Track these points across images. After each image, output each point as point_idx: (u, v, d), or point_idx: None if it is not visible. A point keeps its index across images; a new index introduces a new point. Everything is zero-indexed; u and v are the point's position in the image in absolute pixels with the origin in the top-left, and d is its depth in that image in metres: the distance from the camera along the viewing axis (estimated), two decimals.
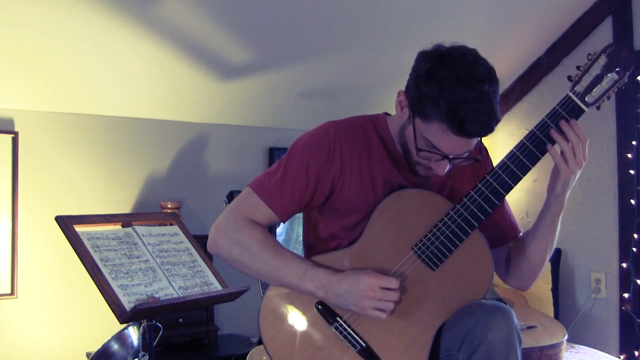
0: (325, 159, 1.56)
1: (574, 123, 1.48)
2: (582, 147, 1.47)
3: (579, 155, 1.47)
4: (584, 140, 1.48)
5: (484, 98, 1.40)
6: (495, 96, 1.43)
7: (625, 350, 3.28)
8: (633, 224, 3.28)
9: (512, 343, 1.42)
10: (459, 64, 1.41)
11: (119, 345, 2.14)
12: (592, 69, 1.50)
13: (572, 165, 1.47)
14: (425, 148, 1.48)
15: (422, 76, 1.45)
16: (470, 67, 1.41)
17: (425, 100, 1.43)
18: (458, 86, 1.39)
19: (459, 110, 1.39)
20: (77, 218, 2.03)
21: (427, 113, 1.44)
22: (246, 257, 1.55)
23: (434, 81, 1.42)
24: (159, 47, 2.71)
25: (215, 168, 3.35)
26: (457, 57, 1.43)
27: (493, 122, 1.42)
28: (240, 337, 3.14)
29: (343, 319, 1.52)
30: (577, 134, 1.47)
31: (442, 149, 1.46)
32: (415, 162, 1.55)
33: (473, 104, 1.38)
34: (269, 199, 1.56)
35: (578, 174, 1.50)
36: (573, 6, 3.44)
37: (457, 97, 1.39)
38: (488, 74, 1.43)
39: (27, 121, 2.80)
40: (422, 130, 1.47)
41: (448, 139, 1.44)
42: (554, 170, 1.51)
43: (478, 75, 1.40)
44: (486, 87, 1.40)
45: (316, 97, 3.40)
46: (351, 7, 2.88)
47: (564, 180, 1.50)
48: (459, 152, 1.48)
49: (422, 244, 1.53)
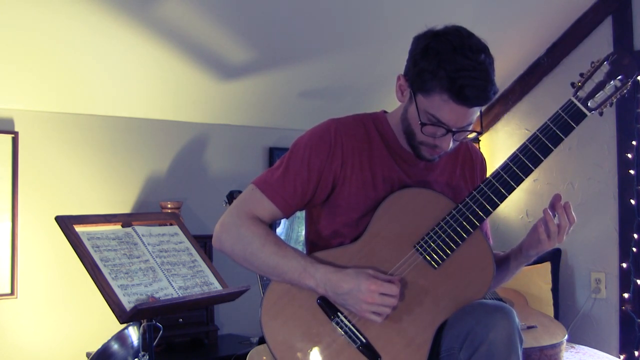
0: (327, 154, 1.58)
1: (568, 206, 1.55)
2: (569, 229, 1.55)
3: (562, 234, 1.54)
4: (573, 222, 1.55)
5: (481, 67, 1.44)
6: (491, 67, 1.47)
7: (625, 350, 3.28)
8: (633, 224, 3.28)
9: (514, 342, 1.42)
10: (454, 37, 1.47)
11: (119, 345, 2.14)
12: (595, 75, 1.53)
13: (553, 242, 1.55)
14: (429, 122, 1.50)
15: (419, 53, 1.50)
16: (465, 40, 1.47)
17: (425, 74, 1.47)
18: (455, 56, 1.44)
19: (457, 78, 1.43)
20: (77, 218, 2.03)
21: (427, 87, 1.47)
22: (248, 253, 1.56)
23: (431, 55, 1.47)
24: (158, 47, 2.71)
25: (215, 168, 3.35)
26: (451, 31, 1.49)
27: (491, 89, 1.46)
28: (240, 337, 3.14)
29: (344, 314, 1.53)
30: (568, 217, 1.54)
31: (444, 120, 1.48)
32: (419, 142, 1.56)
33: (470, 71, 1.43)
34: (271, 193, 1.58)
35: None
36: (573, 6, 3.44)
37: (455, 66, 1.43)
38: (483, 46, 1.48)
39: (27, 121, 2.80)
40: (425, 106, 1.50)
41: (450, 108, 1.47)
42: (534, 238, 1.57)
43: (473, 47, 1.46)
44: (482, 57, 1.45)
45: (316, 97, 3.40)
46: (351, 7, 2.88)
47: (540, 250, 1.58)
48: (461, 124, 1.50)
49: (423, 242, 1.54)
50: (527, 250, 1.61)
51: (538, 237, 1.55)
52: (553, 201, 1.56)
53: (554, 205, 1.55)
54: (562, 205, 1.54)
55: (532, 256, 1.62)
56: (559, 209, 1.54)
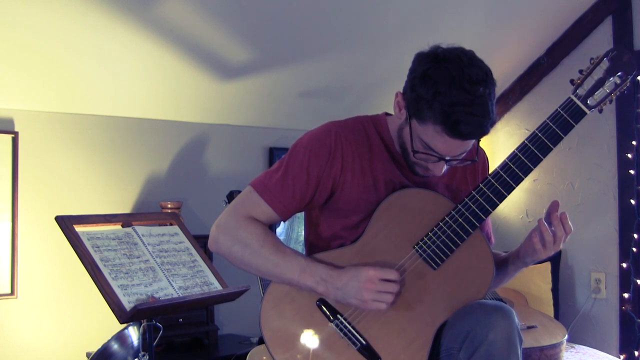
0: (327, 159, 1.57)
1: (565, 217, 1.54)
2: (565, 238, 1.54)
3: (558, 243, 1.54)
4: (569, 232, 1.54)
5: (478, 100, 1.40)
6: (490, 98, 1.43)
7: (625, 350, 3.28)
8: (633, 224, 3.28)
9: (513, 342, 1.42)
10: (453, 66, 1.42)
11: (119, 345, 2.14)
12: (594, 72, 1.52)
13: (549, 251, 1.55)
14: (422, 150, 1.49)
15: (418, 78, 1.46)
16: (465, 70, 1.41)
17: (421, 102, 1.44)
18: (452, 89, 1.40)
19: (452, 113, 1.39)
20: (77, 218, 2.03)
21: (422, 115, 1.45)
22: (247, 254, 1.55)
23: (429, 83, 1.43)
24: (159, 47, 2.71)
25: (215, 168, 3.35)
26: (452, 59, 1.43)
27: (487, 124, 1.43)
28: (240, 337, 3.14)
29: (344, 316, 1.53)
30: (565, 227, 1.54)
31: (438, 150, 1.47)
32: (413, 162, 1.56)
33: (467, 106, 1.39)
34: (269, 197, 1.57)
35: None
36: (573, 6, 3.44)
37: (451, 99, 1.39)
38: (483, 76, 1.43)
39: (27, 121, 2.80)
40: (419, 132, 1.48)
41: (443, 140, 1.45)
42: (529, 247, 1.57)
43: (473, 78, 1.41)
44: (480, 90, 1.41)
45: (316, 97, 3.40)
46: (351, 7, 2.88)
47: (536, 258, 1.58)
48: (454, 154, 1.49)
49: (423, 242, 1.54)
50: (523, 257, 1.62)
51: (533, 246, 1.54)
52: (549, 210, 1.55)
53: (550, 215, 1.54)
54: (558, 216, 1.53)
55: (529, 263, 1.62)
56: (554, 220, 1.53)
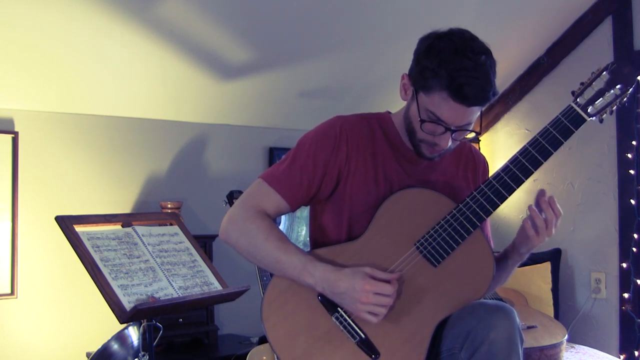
0: (332, 148, 1.61)
1: (553, 200, 1.56)
2: (556, 222, 1.56)
3: (550, 228, 1.56)
4: (559, 215, 1.56)
5: (481, 67, 1.47)
6: (492, 69, 1.51)
7: (625, 350, 3.28)
8: (633, 224, 3.28)
9: (514, 342, 1.43)
10: (457, 39, 1.51)
11: (119, 345, 2.14)
12: (595, 84, 1.56)
13: (542, 237, 1.56)
14: (428, 120, 1.52)
15: (422, 52, 1.54)
16: (468, 42, 1.50)
17: (426, 72, 1.50)
18: (456, 56, 1.48)
19: (457, 77, 1.46)
20: (77, 218, 2.03)
21: (428, 85, 1.51)
22: (252, 247, 1.59)
23: (433, 54, 1.50)
24: (159, 47, 2.71)
25: (215, 168, 3.35)
26: (455, 33, 1.53)
27: (490, 90, 1.49)
28: (240, 337, 3.14)
29: (344, 309, 1.54)
30: (554, 210, 1.56)
31: (444, 118, 1.51)
32: (420, 140, 1.58)
33: (470, 71, 1.46)
34: (278, 186, 1.60)
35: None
36: (573, 6, 3.45)
37: (456, 66, 1.47)
38: (485, 49, 1.52)
39: (27, 121, 2.80)
40: (425, 103, 1.52)
41: (449, 106, 1.49)
42: (523, 235, 1.58)
43: (475, 49, 1.49)
44: (483, 58, 1.49)
45: (316, 97, 3.40)
46: (351, 7, 2.88)
47: (531, 246, 1.60)
48: (460, 123, 1.52)
49: (424, 240, 1.55)
50: (518, 248, 1.63)
51: (526, 233, 1.56)
52: (538, 197, 1.58)
53: (538, 200, 1.58)
54: (546, 200, 1.56)
55: (524, 254, 1.64)
56: (543, 204, 1.56)
